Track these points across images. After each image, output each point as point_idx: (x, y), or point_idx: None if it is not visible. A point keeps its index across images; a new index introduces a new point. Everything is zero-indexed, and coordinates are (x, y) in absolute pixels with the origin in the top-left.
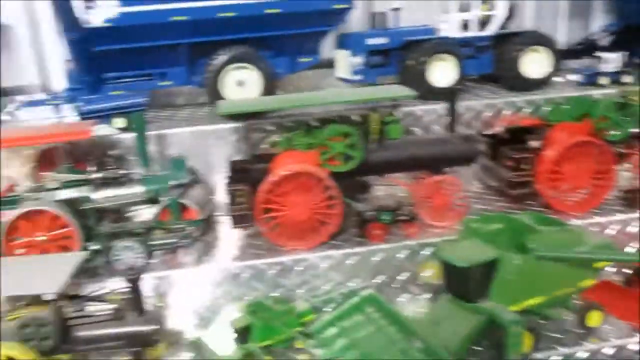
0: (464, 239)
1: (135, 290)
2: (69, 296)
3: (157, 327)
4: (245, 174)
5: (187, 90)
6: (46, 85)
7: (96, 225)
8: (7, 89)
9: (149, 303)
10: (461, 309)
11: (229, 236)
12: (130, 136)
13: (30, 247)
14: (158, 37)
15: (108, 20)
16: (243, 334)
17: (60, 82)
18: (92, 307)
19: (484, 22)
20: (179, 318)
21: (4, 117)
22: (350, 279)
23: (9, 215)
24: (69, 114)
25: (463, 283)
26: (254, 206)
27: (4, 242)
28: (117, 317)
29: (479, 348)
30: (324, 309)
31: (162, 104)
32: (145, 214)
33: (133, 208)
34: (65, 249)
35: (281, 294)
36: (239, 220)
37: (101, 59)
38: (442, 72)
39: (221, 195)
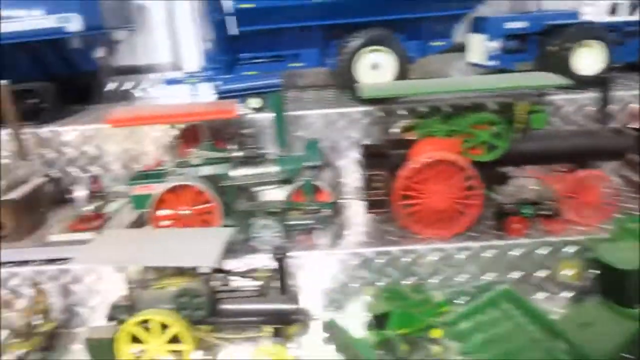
0: (618, 240)
1: (280, 269)
2: (216, 270)
3: (298, 306)
4: (383, 159)
5: (309, 72)
6: (177, 64)
7: (233, 203)
8: (140, 66)
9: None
10: (615, 313)
11: (357, 220)
12: (262, 116)
13: (174, 219)
14: (296, 19)
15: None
16: (380, 319)
17: (190, 61)
18: (237, 282)
19: (634, 5)
20: (311, 299)
21: (137, 94)
22: (485, 273)
23: (157, 188)
24: (204, 93)
25: (621, 286)
26: (391, 192)
27: (151, 214)
28: (261, 293)
29: (631, 356)
30: (455, 301)
31: (285, 85)
32: (273, 194)
33: (262, 188)
34: (207, 223)
35: (413, 282)
36: (375, 206)
37: (239, 40)
38: (587, 59)
39: (348, 179)
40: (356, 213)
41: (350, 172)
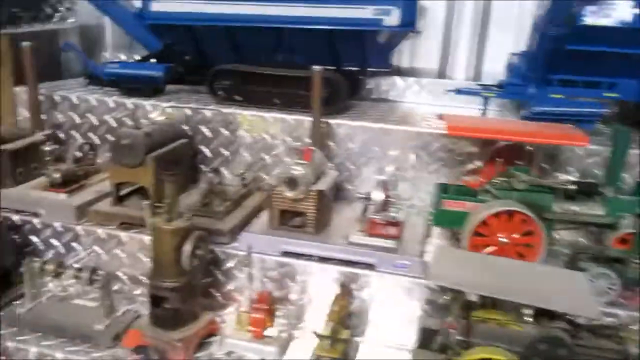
0: None
1: None
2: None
3: None
4: None
5: None
6: (443, 72)
7: (553, 238)
8: (401, 68)
9: None
10: None
11: None
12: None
13: (489, 245)
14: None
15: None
16: None
17: (459, 71)
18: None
19: None
20: None
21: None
22: None
23: (481, 208)
24: (495, 109)
25: None
26: None
27: (470, 235)
28: (621, 357)
29: None
30: None
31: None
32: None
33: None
34: (520, 257)
35: None
36: None
37: (560, 58)
38: None
39: None
40: None
41: None
